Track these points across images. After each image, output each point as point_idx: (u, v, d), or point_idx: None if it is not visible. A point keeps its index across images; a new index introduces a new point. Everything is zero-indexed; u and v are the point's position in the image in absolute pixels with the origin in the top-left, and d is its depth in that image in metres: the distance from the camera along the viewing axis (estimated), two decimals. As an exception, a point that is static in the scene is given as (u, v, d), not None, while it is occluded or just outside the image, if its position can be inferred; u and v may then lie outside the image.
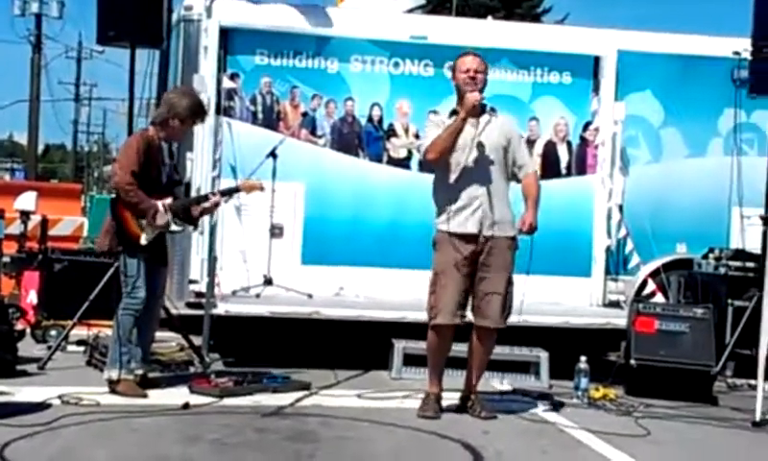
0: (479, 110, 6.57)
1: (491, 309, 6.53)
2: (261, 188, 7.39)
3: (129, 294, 6.74)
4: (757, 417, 6.71)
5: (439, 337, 6.61)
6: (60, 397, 6.40)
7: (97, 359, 7.51)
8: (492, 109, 6.73)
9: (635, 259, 9.16)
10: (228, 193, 7.36)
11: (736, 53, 9.04)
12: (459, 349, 6.80)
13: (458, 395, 6.77)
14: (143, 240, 6.73)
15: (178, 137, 7.21)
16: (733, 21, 13.67)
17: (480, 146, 6.54)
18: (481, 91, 6.58)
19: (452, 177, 6.55)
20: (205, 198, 7.29)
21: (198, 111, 7.02)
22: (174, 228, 6.94)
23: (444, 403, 6.69)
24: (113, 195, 6.90)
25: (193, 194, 8.02)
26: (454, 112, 6.63)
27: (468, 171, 6.52)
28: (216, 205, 7.20)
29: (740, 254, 8.87)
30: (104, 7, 8.14)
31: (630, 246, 9.14)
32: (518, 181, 6.70)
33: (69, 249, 10.62)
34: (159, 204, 6.78)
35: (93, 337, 7.95)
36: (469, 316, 6.62)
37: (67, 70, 66.66)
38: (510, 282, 6.59)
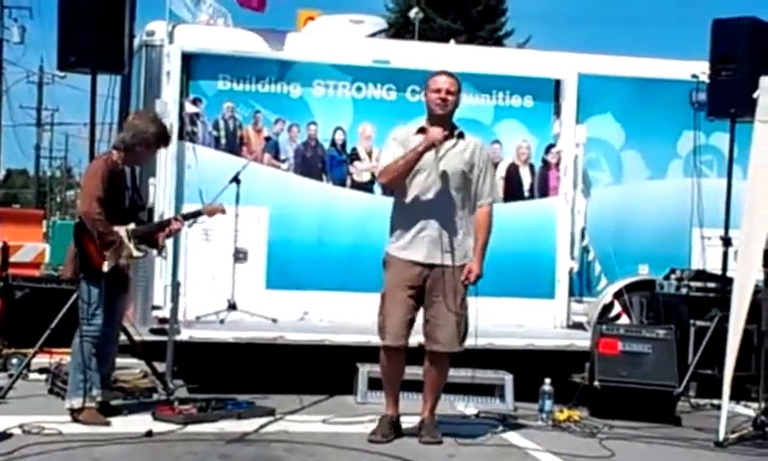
0: (441, 141, 6.43)
1: (440, 334, 6.48)
2: (223, 211, 7.44)
3: (86, 320, 6.66)
4: (720, 437, 6.76)
5: (388, 358, 6.60)
6: (21, 426, 6.32)
7: (59, 387, 7.42)
8: (460, 134, 6.62)
9: (603, 282, 9.22)
10: (191, 217, 7.34)
11: (695, 76, 9.16)
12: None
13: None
14: (105, 267, 6.67)
15: (141, 162, 7.29)
16: (691, 44, 13.82)
17: (438, 171, 6.45)
18: (451, 113, 6.55)
19: (407, 200, 6.50)
20: (168, 223, 7.27)
21: (164, 137, 7.03)
22: (136, 254, 6.91)
23: (407, 427, 6.67)
24: (77, 221, 6.85)
25: (156, 219, 8.00)
26: (421, 130, 6.56)
27: (422, 195, 6.46)
28: (178, 229, 7.22)
29: (701, 275, 8.96)
30: (65, 32, 8.08)
31: (598, 268, 9.20)
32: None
33: (31, 276, 10.52)
34: (123, 229, 6.75)
35: (55, 365, 7.86)
36: (420, 339, 6.58)
37: (29, 95, 66.35)
38: (463, 307, 6.50)
